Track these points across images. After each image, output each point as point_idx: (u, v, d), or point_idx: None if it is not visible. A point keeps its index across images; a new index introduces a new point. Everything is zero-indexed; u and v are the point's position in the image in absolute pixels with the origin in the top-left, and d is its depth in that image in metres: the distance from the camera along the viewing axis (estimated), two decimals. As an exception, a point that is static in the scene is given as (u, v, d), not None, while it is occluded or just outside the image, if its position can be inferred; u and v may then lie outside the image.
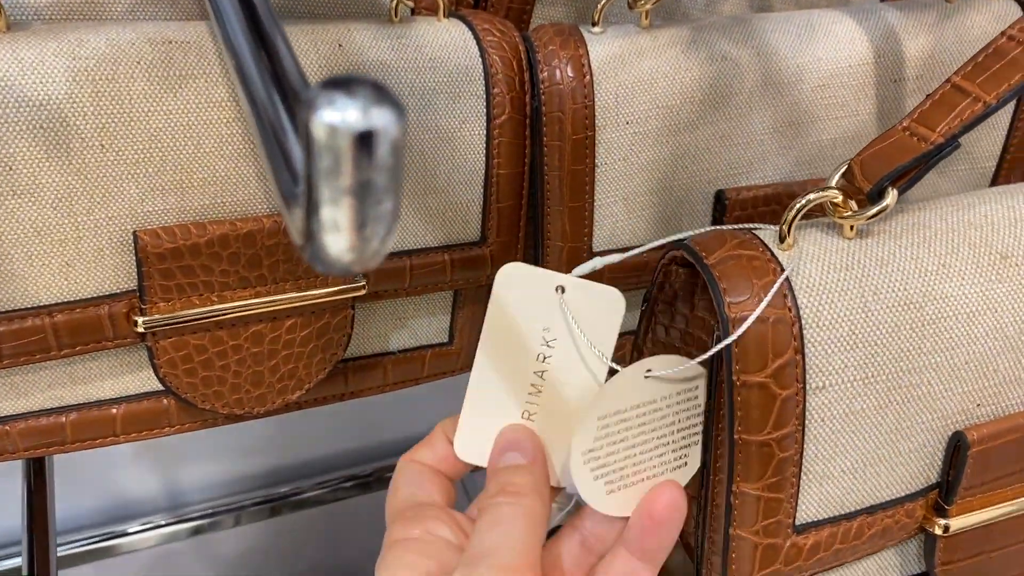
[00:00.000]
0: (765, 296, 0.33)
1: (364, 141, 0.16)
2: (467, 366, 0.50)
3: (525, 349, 0.37)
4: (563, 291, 0.36)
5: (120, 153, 0.37)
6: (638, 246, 0.44)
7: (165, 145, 0.37)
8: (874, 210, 0.34)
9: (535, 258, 0.46)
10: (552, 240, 0.44)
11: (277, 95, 0.20)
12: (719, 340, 0.33)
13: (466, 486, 0.89)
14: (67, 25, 0.37)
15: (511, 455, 0.36)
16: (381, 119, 0.16)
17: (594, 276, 0.46)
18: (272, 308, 0.41)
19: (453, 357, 0.49)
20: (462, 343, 0.49)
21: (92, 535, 0.85)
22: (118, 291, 0.39)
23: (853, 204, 0.35)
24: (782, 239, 0.34)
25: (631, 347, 0.42)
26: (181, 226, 0.38)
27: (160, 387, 0.42)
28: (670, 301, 0.39)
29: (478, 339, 0.50)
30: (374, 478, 0.92)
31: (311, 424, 0.90)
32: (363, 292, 0.42)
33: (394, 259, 0.43)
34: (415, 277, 0.43)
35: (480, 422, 0.37)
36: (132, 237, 0.38)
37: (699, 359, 0.35)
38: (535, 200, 0.44)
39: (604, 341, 0.37)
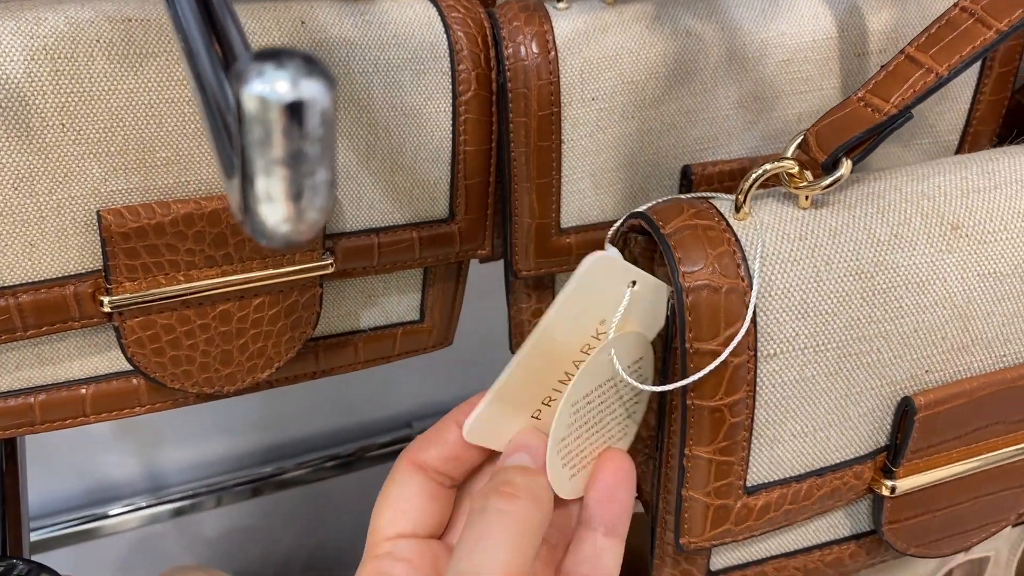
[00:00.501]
0: (719, 266, 0.34)
1: (294, 112, 0.16)
2: (439, 344, 0.50)
3: (576, 339, 0.35)
4: (634, 284, 0.35)
5: (81, 132, 0.36)
6: (606, 222, 0.45)
7: (127, 124, 0.37)
8: (828, 181, 0.35)
9: (503, 235, 0.46)
10: (520, 217, 0.45)
11: (221, 70, 0.20)
12: (673, 309, 0.34)
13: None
14: (24, 4, 0.36)
15: (519, 455, 0.34)
16: (311, 90, 0.16)
17: (559, 253, 0.46)
18: (239, 287, 0.41)
19: (424, 335, 0.49)
20: (433, 321, 0.49)
21: (71, 518, 0.85)
22: (83, 271, 0.39)
23: (808, 175, 0.35)
24: (738, 209, 0.35)
25: None
26: (145, 205, 0.38)
27: (129, 367, 0.42)
28: None
29: (449, 316, 0.50)
30: (356, 457, 0.93)
31: (292, 404, 0.90)
32: (331, 270, 0.42)
33: (362, 237, 0.43)
34: (383, 255, 0.44)
35: (503, 407, 0.35)
36: (96, 217, 0.38)
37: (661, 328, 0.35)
38: (503, 177, 0.44)
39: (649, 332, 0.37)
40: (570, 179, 0.44)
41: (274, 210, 0.17)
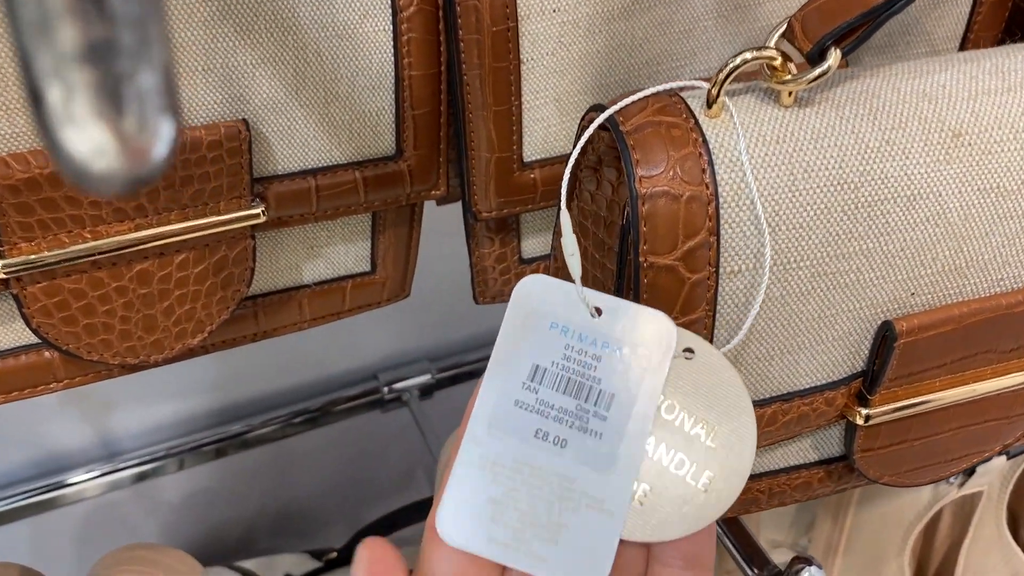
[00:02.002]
0: (681, 170, 0.30)
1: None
2: (394, 296, 0.46)
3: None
4: (599, 313, 0.32)
5: (-53, 67, 0.31)
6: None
7: (2, 57, 0.31)
8: (814, 73, 0.31)
9: (460, 173, 0.41)
10: (477, 151, 0.39)
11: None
12: (628, 217, 0.30)
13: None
14: None
15: None
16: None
17: (523, 190, 0.41)
18: (157, 242, 0.36)
19: (377, 287, 0.44)
20: (386, 271, 0.44)
21: (25, 490, 0.81)
22: (-31, 232, 0.33)
23: (792, 67, 0.31)
24: (709, 105, 0.31)
25: (556, 215, 0.38)
26: (35, 152, 0.33)
27: (37, 339, 0.37)
28: (594, 167, 0.35)
29: (404, 266, 0.45)
30: (322, 412, 0.89)
31: (251, 360, 0.86)
32: (263, 219, 0.37)
33: (296, 180, 0.38)
34: (323, 199, 0.38)
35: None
36: (-23, 168, 0.32)
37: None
38: (456, 106, 0.39)
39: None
40: (532, 105, 0.39)
41: (81, 135, 0.11)
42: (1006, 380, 0.38)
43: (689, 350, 0.30)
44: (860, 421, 0.37)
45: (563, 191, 0.32)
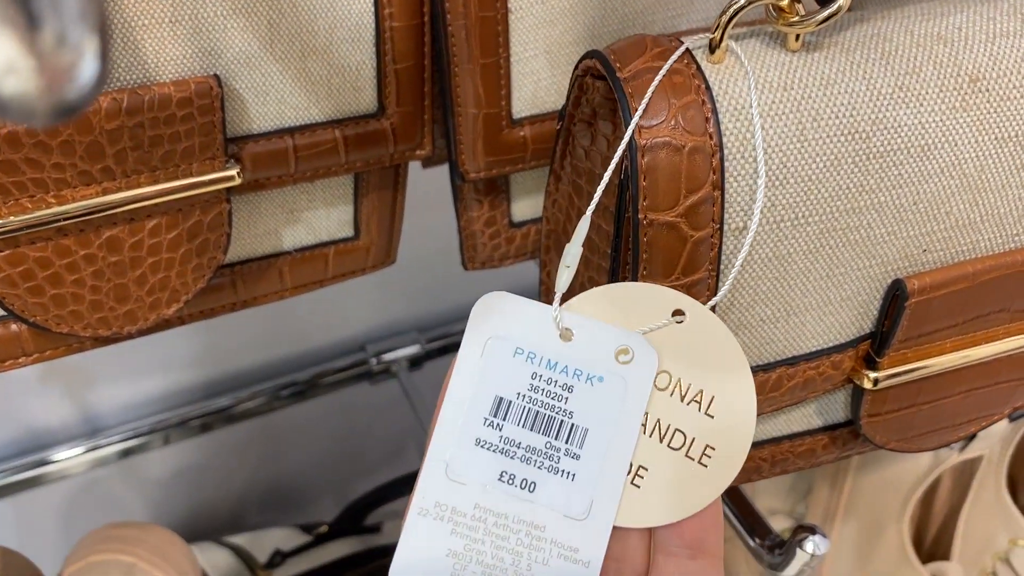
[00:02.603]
0: (683, 119, 0.28)
1: None
2: (379, 263, 0.44)
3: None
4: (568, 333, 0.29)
5: None
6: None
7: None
8: (824, 13, 0.29)
9: (446, 132, 0.39)
10: (464, 107, 0.38)
11: None
12: (626, 171, 0.28)
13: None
14: None
15: None
16: None
17: (512, 148, 0.39)
18: (127, 207, 0.34)
19: (361, 253, 0.42)
20: (370, 237, 0.42)
21: (7, 468, 0.80)
22: (-77, 197, 0.31)
23: (801, 8, 0.29)
24: (712, 50, 0.29)
25: (548, 175, 0.36)
26: (-8, 111, 0.31)
27: (2, 311, 0.35)
28: (588, 120, 0.34)
29: (389, 231, 0.43)
30: (310, 385, 0.88)
31: (236, 334, 0.85)
32: (238, 181, 0.35)
33: (273, 139, 0.36)
34: (302, 160, 0.36)
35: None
36: (-72, 128, 0.30)
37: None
38: (440, 59, 0.37)
39: None
40: (521, 58, 0.37)
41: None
42: (1020, 340, 0.36)
43: (679, 312, 0.28)
44: (868, 385, 0.35)
45: (601, 186, 0.31)
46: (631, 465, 0.26)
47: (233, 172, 0.35)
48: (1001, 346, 0.36)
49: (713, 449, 0.27)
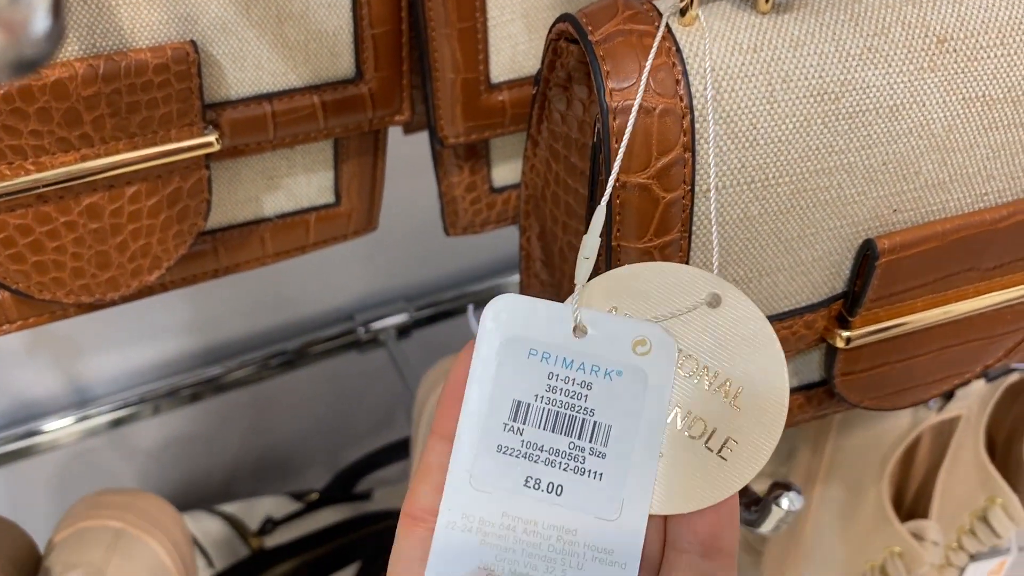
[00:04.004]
0: (654, 82, 0.29)
1: None
2: (361, 229, 0.44)
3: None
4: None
5: None
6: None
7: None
8: None
9: (424, 95, 0.39)
10: (441, 72, 0.38)
11: None
12: (599, 133, 0.28)
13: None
14: None
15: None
16: None
17: (491, 113, 0.40)
18: (106, 173, 0.34)
19: (342, 219, 0.43)
20: (351, 203, 0.42)
21: (-2, 438, 0.80)
22: (-99, 165, 0.31)
23: None
24: (683, 12, 0.29)
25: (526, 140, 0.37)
26: (-33, 78, 0.31)
27: (-15, 278, 0.35)
28: (564, 84, 0.34)
29: (370, 197, 0.44)
30: (299, 354, 0.88)
31: (224, 303, 0.85)
32: (217, 147, 0.35)
33: (251, 105, 0.36)
34: (280, 126, 0.37)
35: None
36: (-96, 95, 0.30)
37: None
38: (417, 24, 0.37)
39: None
40: (498, 21, 0.37)
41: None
42: (988, 299, 0.37)
43: (716, 297, 0.27)
44: (841, 344, 0.36)
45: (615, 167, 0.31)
46: None
47: (212, 138, 0.35)
48: (971, 304, 0.37)
49: (736, 443, 0.26)
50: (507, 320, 0.26)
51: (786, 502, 0.39)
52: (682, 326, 0.27)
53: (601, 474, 0.25)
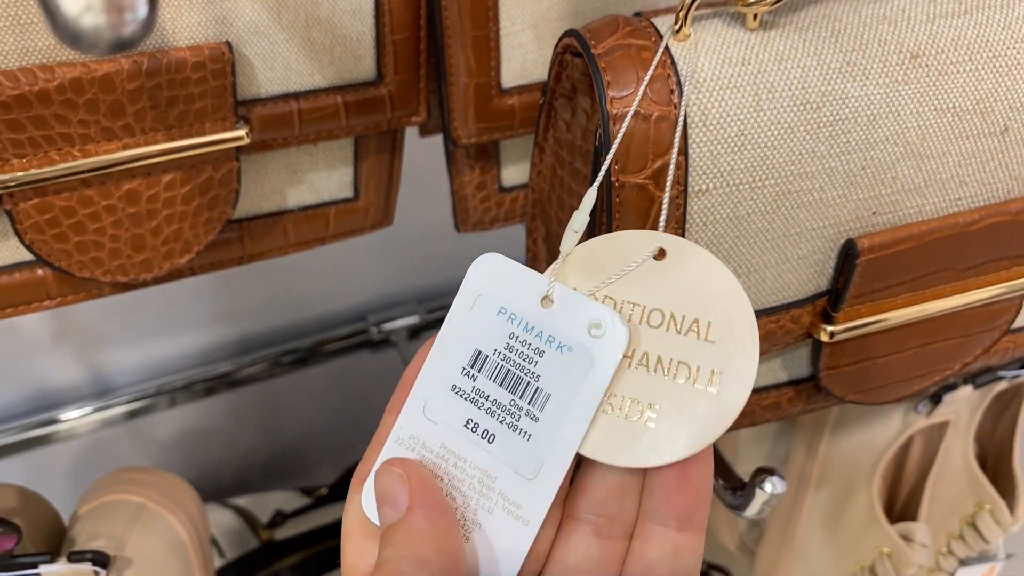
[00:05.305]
0: (651, 91, 0.31)
1: None
2: (377, 223, 0.47)
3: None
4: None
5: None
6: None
7: (-10, -26, 0.32)
8: None
9: (439, 99, 0.42)
10: (456, 76, 0.40)
11: None
12: (600, 138, 0.31)
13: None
14: None
15: (385, 511, 0.27)
16: None
17: (502, 116, 0.42)
18: (144, 162, 0.37)
19: (360, 214, 0.45)
20: (368, 198, 0.45)
21: (17, 426, 0.82)
22: (-39, 148, 0.34)
23: None
24: (678, 29, 0.31)
25: (533, 147, 0.39)
26: (25, 70, 0.34)
27: (31, 257, 0.38)
28: (569, 95, 0.36)
29: (386, 193, 0.46)
30: (311, 353, 0.90)
31: (242, 301, 0.87)
32: (246, 141, 0.38)
33: (279, 103, 0.39)
34: (306, 123, 0.39)
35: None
36: (-33, 85, 0.33)
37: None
38: (435, 31, 0.40)
39: None
40: (510, 31, 0.40)
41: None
42: (964, 298, 0.39)
43: (661, 251, 0.28)
44: (825, 338, 0.38)
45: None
46: (641, 406, 0.27)
47: (242, 132, 0.38)
48: (947, 303, 0.39)
49: (721, 373, 0.27)
50: (488, 278, 0.28)
51: (769, 486, 0.41)
52: (636, 282, 0.28)
53: (530, 435, 0.27)
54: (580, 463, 0.27)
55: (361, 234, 0.47)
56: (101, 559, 0.45)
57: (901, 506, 0.68)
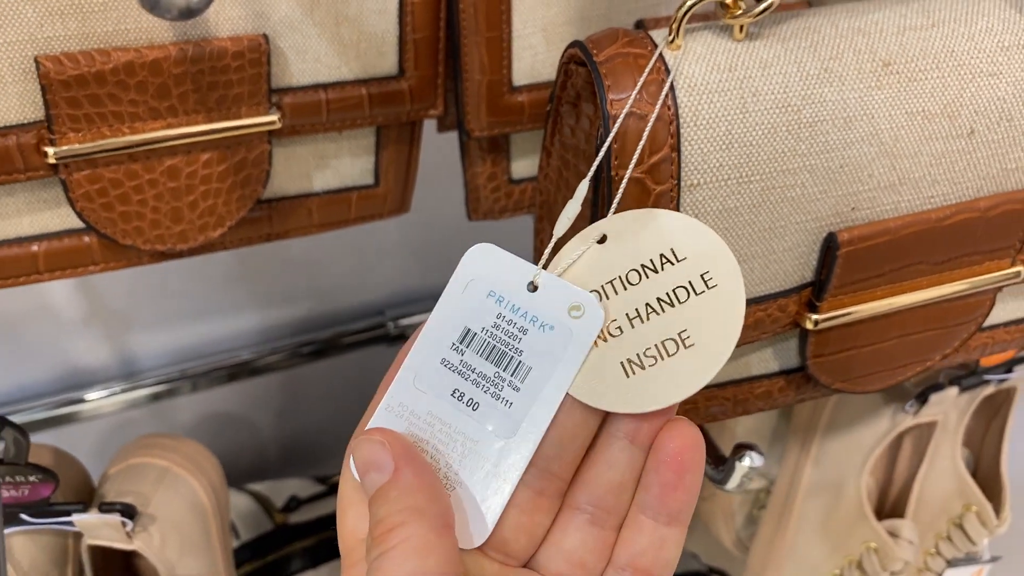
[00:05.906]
0: (647, 94, 0.34)
1: None
2: (395, 210, 0.51)
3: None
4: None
5: (11, -27, 0.35)
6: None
7: (57, -34, 0.36)
8: (761, 7, 0.35)
9: (455, 94, 0.46)
10: (470, 73, 0.44)
11: None
12: (601, 137, 0.34)
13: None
14: None
15: (371, 477, 0.28)
16: None
17: (512, 111, 0.46)
18: (185, 140, 0.40)
19: (379, 200, 0.49)
20: (388, 185, 0.49)
21: (47, 403, 0.85)
22: (25, 121, 0.38)
23: (743, 3, 0.35)
24: (671, 39, 0.35)
25: (540, 152, 0.42)
26: (84, 53, 0.37)
27: (80, 224, 0.42)
28: (574, 102, 0.39)
29: (404, 182, 0.50)
30: (329, 344, 0.93)
31: (265, 291, 0.90)
32: (278, 126, 0.42)
33: (309, 92, 0.42)
34: (332, 112, 0.43)
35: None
36: (34, 64, 0.37)
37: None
38: (453, 31, 0.44)
39: None
40: (521, 33, 0.43)
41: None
42: (939, 290, 0.41)
43: (604, 236, 0.31)
44: (810, 326, 0.40)
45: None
46: (628, 357, 0.29)
47: (275, 117, 0.41)
48: (923, 295, 0.41)
49: (702, 324, 0.29)
50: (481, 264, 0.31)
51: (748, 460, 0.44)
52: (622, 242, 0.31)
53: (512, 403, 0.29)
54: (584, 459, 0.30)
55: (380, 219, 0.50)
56: (129, 510, 0.49)
57: (892, 503, 0.70)
